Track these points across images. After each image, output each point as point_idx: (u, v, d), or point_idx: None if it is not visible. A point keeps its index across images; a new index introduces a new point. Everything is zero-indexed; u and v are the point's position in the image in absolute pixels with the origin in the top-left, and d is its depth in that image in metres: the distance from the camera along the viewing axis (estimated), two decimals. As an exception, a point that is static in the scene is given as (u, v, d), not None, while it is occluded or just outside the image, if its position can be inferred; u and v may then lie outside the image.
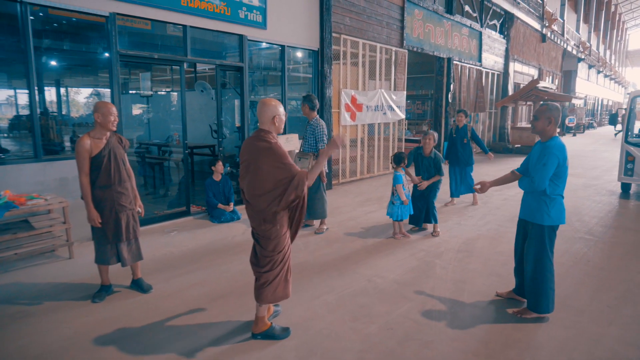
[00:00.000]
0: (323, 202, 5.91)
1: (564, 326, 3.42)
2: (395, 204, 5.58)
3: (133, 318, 3.52)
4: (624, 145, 8.30)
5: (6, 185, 4.68)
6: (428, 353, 3.04)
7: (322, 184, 5.88)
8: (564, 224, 3.47)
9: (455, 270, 4.55)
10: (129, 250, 3.92)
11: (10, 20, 4.93)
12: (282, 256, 3.09)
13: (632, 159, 8.14)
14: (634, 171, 8.15)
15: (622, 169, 8.31)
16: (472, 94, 14.99)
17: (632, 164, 8.14)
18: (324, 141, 5.66)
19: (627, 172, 8.26)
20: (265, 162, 2.90)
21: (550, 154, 3.26)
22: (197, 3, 6.18)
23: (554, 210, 3.37)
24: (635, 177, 8.20)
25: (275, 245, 3.04)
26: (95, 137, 3.69)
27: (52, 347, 3.11)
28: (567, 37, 25.36)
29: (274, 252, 3.05)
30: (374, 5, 9.72)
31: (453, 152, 7.44)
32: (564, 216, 3.44)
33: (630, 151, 8.16)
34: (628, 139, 8.29)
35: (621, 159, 8.34)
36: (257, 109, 3.06)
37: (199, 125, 9.99)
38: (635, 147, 8.19)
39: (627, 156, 8.22)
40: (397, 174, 5.51)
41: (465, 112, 7.60)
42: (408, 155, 5.86)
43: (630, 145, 8.21)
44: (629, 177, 8.26)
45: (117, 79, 5.52)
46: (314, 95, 5.82)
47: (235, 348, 3.09)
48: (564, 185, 3.39)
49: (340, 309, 3.66)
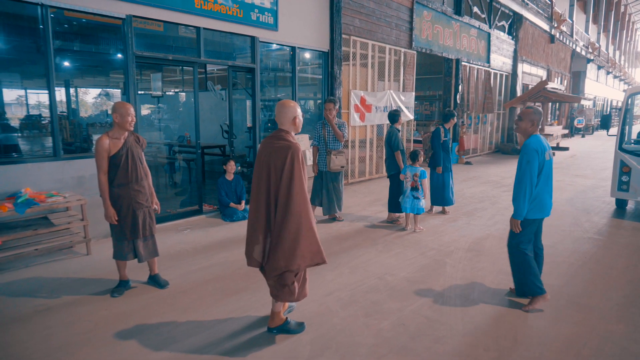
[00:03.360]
0: (342, 192, 6.41)
1: (574, 323, 3.47)
2: (419, 198, 5.83)
3: (151, 312, 3.63)
4: (618, 153, 6.83)
5: (27, 183, 4.82)
6: (440, 348, 3.11)
7: (342, 174, 6.37)
8: (539, 218, 3.67)
9: (465, 268, 4.61)
10: (145, 247, 4.02)
11: (29, 22, 5.08)
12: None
13: (628, 170, 6.67)
14: (629, 185, 6.68)
15: (616, 182, 6.84)
16: (481, 95, 15.00)
17: (628, 177, 6.68)
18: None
19: (621, 187, 6.76)
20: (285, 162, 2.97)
21: (528, 148, 3.52)
22: (210, 5, 6.29)
23: (533, 204, 3.60)
24: (631, 192, 6.67)
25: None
26: (113, 136, 3.80)
27: (74, 339, 3.22)
28: (576, 38, 25.24)
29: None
30: (383, 7, 9.79)
31: (446, 157, 6.84)
32: (544, 210, 3.63)
33: (626, 160, 6.70)
34: (623, 146, 6.85)
35: (614, 170, 6.85)
36: (277, 110, 3.15)
37: (209, 125, 10.12)
38: (631, 155, 6.69)
39: (621, 166, 6.74)
40: (422, 170, 5.85)
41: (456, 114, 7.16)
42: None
43: (626, 153, 6.73)
44: (624, 192, 6.74)
45: (133, 80, 5.64)
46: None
47: (251, 342, 3.18)
48: (546, 179, 3.59)
49: (352, 305, 3.74)
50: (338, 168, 6.18)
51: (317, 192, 6.32)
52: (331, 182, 6.24)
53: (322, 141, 6.22)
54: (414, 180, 5.83)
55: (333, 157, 6.12)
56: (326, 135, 6.19)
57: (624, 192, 6.74)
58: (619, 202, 7.39)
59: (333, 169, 6.16)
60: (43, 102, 9.72)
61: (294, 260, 2.95)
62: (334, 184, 6.25)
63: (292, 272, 3.04)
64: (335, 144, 6.21)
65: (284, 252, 2.96)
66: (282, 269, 3.00)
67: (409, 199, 5.88)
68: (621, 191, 6.78)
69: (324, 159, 6.22)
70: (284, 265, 2.97)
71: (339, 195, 6.33)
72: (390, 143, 6.25)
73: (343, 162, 6.21)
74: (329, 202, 6.28)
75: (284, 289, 3.09)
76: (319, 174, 6.30)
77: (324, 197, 6.28)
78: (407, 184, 5.88)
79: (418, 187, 5.81)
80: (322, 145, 6.23)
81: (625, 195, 6.78)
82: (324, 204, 6.30)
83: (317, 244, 3.05)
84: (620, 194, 6.85)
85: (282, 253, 2.96)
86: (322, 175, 6.27)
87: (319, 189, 6.31)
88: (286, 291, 3.09)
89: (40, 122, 9.07)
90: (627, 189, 6.69)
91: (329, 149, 6.18)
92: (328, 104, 6.10)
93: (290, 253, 2.94)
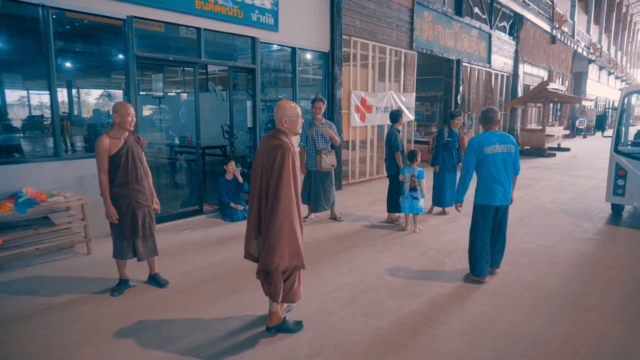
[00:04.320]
0: (333, 190, 6.47)
1: (571, 322, 3.48)
2: (417, 198, 5.84)
3: (151, 311, 3.64)
4: (613, 156, 6.51)
5: (28, 183, 4.85)
6: (437, 347, 3.12)
7: (332, 173, 6.40)
8: (490, 205, 4.18)
9: (464, 268, 4.61)
10: (144, 246, 4.04)
11: (30, 23, 5.11)
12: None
13: (624, 174, 6.35)
14: (625, 189, 6.35)
15: (611, 186, 6.51)
16: (482, 95, 15.01)
17: (624, 180, 6.34)
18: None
19: (616, 191, 6.44)
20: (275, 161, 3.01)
21: (468, 143, 4.23)
22: (210, 6, 6.31)
23: (480, 192, 4.24)
24: (627, 197, 6.34)
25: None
26: (114, 136, 3.82)
27: (75, 337, 3.24)
28: (578, 39, 25.23)
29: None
30: (383, 8, 9.81)
31: (448, 158, 6.75)
32: (490, 198, 4.17)
33: (621, 163, 6.38)
34: (618, 148, 6.53)
35: (610, 174, 6.55)
36: (275, 110, 3.21)
37: (209, 125, 10.14)
38: (628, 158, 6.36)
39: (617, 169, 6.42)
40: (420, 170, 5.87)
41: (461, 114, 6.94)
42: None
43: (622, 156, 6.42)
44: (620, 196, 6.42)
45: (133, 81, 5.67)
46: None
47: (250, 341, 3.19)
48: (488, 170, 4.14)
49: (351, 305, 3.75)
50: (329, 167, 6.19)
51: (305, 191, 6.33)
52: (321, 182, 6.25)
53: (309, 141, 6.22)
54: (412, 180, 5.85)
55: (324, 156, 6.12)
56: (314, 135, 6.18)
57: (620, 196, 6.43)
58: (615, 207, 7.05)
59: (324, 168, 6.17)
60: (44, 102, 9.77)
61: (272, 258, 2.95)
62: (323, 183, 6.27)
63: (269, 270, 3.03)
64: (324, 143, 6.21)
65: (266, 251, 2.99)
66: (261, 267, 3.04)
67: (408, 200, 5.90)
68: (617, 196, 6.46)
69: (313, 159, 6.22)
70: (263, 264, 3.00)
71: (329, 194, 6.34)
72: (390, 143, 6.26)
73: (333, 161, 6.23)
74: (317, 201, 6.29)
75: (270, 288, 3.12)
76: (309, 174, 6.30)
77: (312, 195, 6.30)
78: (406, 184, 5.90)
79: (416, 188, 5.83)
80: (310, 146, 6.23)
81: (620, 200, 6.47)
82: (312, 202, 6.32)
83: (298, 246, 3.02)
84: (615, 199, 6.53)
85: (265, 252, 3.00)
86: (312, 175, 6.27)
87: (308, 189, 6.32)
88: (272, 291, 3.12)
89: (42, 122, 9.12)
90: (623, 193, 6.37)
91: (319, 149, 6.18)
92: (317, 102, 6.14)
93: (270, 252, 2.96)
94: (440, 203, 6.85)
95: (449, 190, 6.76)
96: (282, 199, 2.96)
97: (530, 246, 5.37)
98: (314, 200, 6.30)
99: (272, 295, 3.15)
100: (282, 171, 2.97)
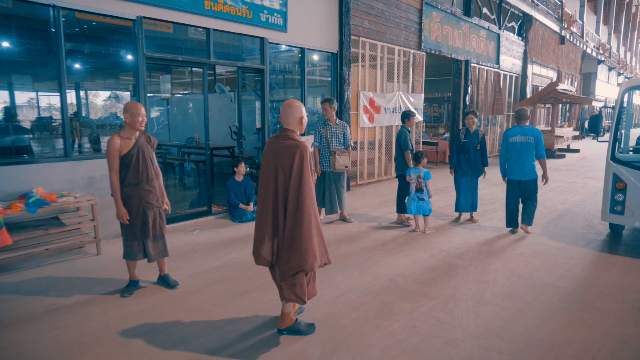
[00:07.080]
0: (345, 191, 6.40)
1: (589, 326, 3.41)
2: (424, 199, 5.78)
3: (161, 313, 3.62)
4: (610, 165, 5.30)
5: (38, 183, 4.85)
6: (452, 350, 3.06)
7: (345, 173, 6.35)
8: (510, 178, 5.82)
9: (476, 270, 4.56)
10: (155, 247, 4.02)
11: (41, 24, 5.12)
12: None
13: (623, 187, 5.10)
14: (625, 206, 5.09)
15: (608, 201, 5.27)
16: (490, 96, 14.89)
17: (623, 195, 5.10)
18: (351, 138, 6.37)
19: (614, 208, 5.17)
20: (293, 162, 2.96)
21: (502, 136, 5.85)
22: (220, 7, 6.30)
23: (507, 169, 5.92)
24: (626, 215, 5.09)
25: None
26: (124, 136, 3.80)
27: (85, 338, 3.22)
28: (587, 39, 25.02)
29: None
30: (392, 8, 9.76)
31: (464, 160, 6.35)
32: (510, 173, 5.83)
33: (620, 174, 5.15)
34: (616, 155, 5.30)
35: (606, 187, 5.34)
36: (282, 110, 3.13)
37: (217, 126, 10.14)
38: (628, 167, 5.13)
39: (614, 182, 5.19)
40: (426, 171, 5.82)
41: (475, 112, 6.43)
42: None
43: (621, 165, 5.17)
44: (618, 215, 5.15)
45: (143, 81, 5.67)
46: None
47: (261, 343, 3.16)
48: (510, 154, 5.79)
49: (363, 307, 3.71)
50: (342, 168, 6.14)
51: (319, 192, 6.28)
52: (334, 183, 6.21)
53: (323, 141, 6.18)
54: (418, 181, 5.78)
55: (337, 157, 6.08)
56: (328, 135, 6.14)
57: (618, 214, 5.15)
58: (613, 227, 5.84)
59: (338, 169, 6.12)
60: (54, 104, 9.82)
61: (307, 259, 2.94)
62: (337, 184, 6.22)
63: (305, 271, 3.03)
64: (338, 144, 6.17)
65: (297, 253, 2.95)
66: (295, 269, 2.98)
67: (414, 201, 5.83)
68: (614, 214, 5.18)
69: (327, 160, 6.18)
70: (298, 266, 2.96)
71: (342, 195, 6.30)
72: (400, 142, 6.21)
73: (347, 162, 6.19)
74: (331, 202, 6.25)
75: (295, 289, 3.06)
76: (322, 175, 6.25)
77: (326, 197, 6.25)
78: (412, 185, 5.84)
79: (422, 189, 5.76)
80: (323, 146, 6.19)
81: (619, 219, 5.20)
82: (326, 204, 6.27)
83: (324, 243, 3.13)
84: (613, 218, 5.24)
85: (295, 253, 2.95)
86: (325, 175, 6.23)
87: (322, 190, 6.27)
88: (298, 291, 3.07)
89: (51, 123, 9.16)
90: (622, 211, 5.11)
91: (332, 149, 6.13)
92: (324, 103, 6.12)
93: (303, 253, 2.94)
94: (457, 208, 6.51)
95: (463, 194, 6.39)
96: (307, 198, 2.94)
97: (543, 248, 5.30)
98: (329, 202, 6.26)
99: (298, 297, 3.06)
100: (304, 171, 2.95)
